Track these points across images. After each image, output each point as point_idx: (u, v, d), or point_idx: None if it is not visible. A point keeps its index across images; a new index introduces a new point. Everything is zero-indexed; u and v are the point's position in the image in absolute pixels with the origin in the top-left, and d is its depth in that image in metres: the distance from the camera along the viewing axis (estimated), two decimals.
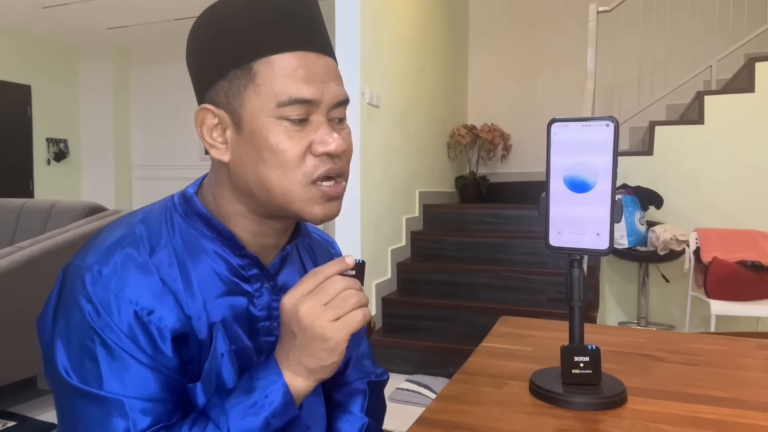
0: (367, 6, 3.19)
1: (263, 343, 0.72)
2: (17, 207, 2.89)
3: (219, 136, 0.67)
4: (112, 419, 0.61)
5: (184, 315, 0.66)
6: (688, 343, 1.07)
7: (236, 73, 0.64)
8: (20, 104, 6.49)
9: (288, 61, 0.64)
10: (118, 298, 0.63)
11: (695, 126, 3.67)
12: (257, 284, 0.72)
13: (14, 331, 2.25)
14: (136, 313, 0.63)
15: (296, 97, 0.63)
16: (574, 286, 0.80)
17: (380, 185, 3.46)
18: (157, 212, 0.71)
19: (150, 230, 0.68)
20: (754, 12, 4.01)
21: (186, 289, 0.66)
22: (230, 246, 0.70)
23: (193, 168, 6.87)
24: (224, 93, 0.65)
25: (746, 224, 3.41)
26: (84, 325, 0.63)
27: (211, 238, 0.70)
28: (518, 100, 5.19)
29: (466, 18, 5.39)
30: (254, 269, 0.71)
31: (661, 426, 0.72)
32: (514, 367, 0.93)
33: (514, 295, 3.40)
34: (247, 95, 0.64)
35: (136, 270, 0.64)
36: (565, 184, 0.78)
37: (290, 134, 0.64)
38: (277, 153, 0.64)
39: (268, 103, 0.63)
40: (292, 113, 0.63)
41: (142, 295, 0.64)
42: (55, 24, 6.19)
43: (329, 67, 0.67)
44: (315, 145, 0.65)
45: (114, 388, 0.61)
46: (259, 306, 0.72)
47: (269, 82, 0.63)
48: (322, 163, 0.65)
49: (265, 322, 0.72)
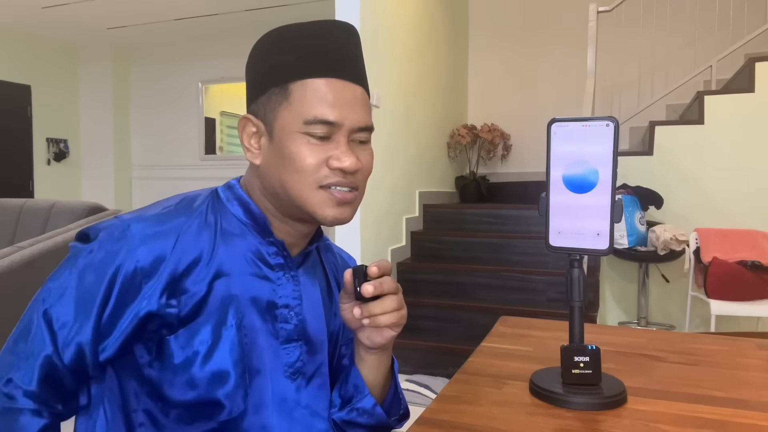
0: (367, 6, 3.19)
1: (279, 330, 0.78)
2: (17, 207, 2.89)
3: (255, 142, 0.77)
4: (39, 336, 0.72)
5: (188, 269, 0.73)
6: (688, 343, 1.07)
7: (275, 91, 0.74)
8: (20, 104, 6.48)
9: (319, 85, 0.73)
10: (126, 250, 0.71)
11: (695, 126, 3.67)
12: (280, 272, 0.79)
13: None
14: (135, 269, 0.70)
15: (321, 118, 0.72)
16: (574, 286, 0.80)
17: (380, 185, 3.46)
18: (200, 196, 0.80)
19: (189, 206, 0.77)
20: (754, 12, 4.01)
21: (209, 264, 0.74)
22: (261, 232, 0.78)
23: (193, 168, 6.86)
24: (263, 107, 0.76)
25: (746, 224, 3.41)
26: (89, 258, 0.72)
27: (246, 224, 0.78)
28: (518, 100, 5.18)
29: (467, 18, 5.39)
30: (279, 258, 0.79)
31: (661, 426, 0.72)
32: (514, 367, 0.93)
33: (514, 295, 3.40)
34: (280, 111, 0.74)
35: (158, 232, 0.73)
36: (565, 184, 0.78)
37: (311, 147, 0.73)
38: (296, 161, 0.73)
39: (297, 119, 0.72)
40: (317, 131, 0.72)
41: (149, 255, 0.71)
42: (55, 24, 6.19)
43: (356, 95, 0.75)
44: (331, 160, 0.73)
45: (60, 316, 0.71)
46: (279, 293, 0.78)
47: (300, 102, 0.73)
48: (333, 175, 0.74)
49: (284, 310, 0.78)
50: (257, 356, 0.76)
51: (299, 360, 0.80)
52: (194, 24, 5.98)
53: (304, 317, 0.80)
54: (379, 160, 3.42)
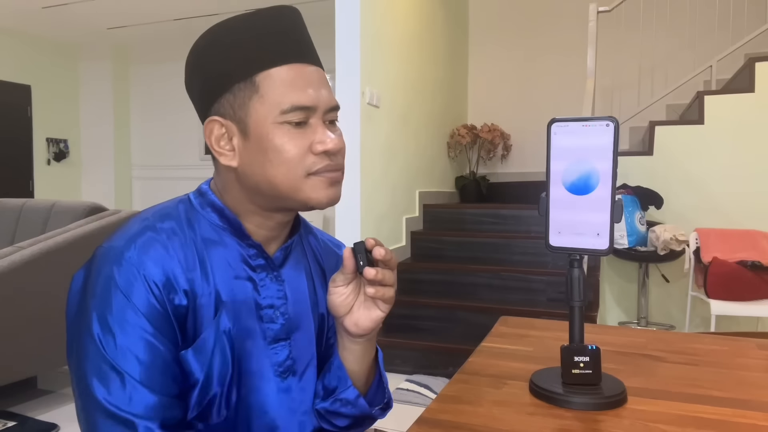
0: (367, 6, 3.19)
1: (266, 330, 0.78)
2: (17, 207, 2.89)
3: (226, 144, 0.75)
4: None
5: (192, 292, 0.72)
6: (688, 343, 1.07)
7: (240, 86, 0.72)
8: (20, 104, 6.49)
9: (286, 73, 0.72)
10: (139, 277, 0.69)
11: (695, 126, 3.67)
12: (263, 273, 0.79)
13: (15, 331, 2.25)
14: (156, 286, 0.70)
15: (297, 105, 0.71)
16: (574, 286, 0.80)
17: (380, 185, 3.46)
18: (174, 207, 0.78)
19: (169, 219, 0.76)
20: (754, 12, 4.01)
21: (201, 269, 0.74)
22: (238, 235, 0.77)
23: (193, 168, 6.87)
24: (230, 105, 0.73)
25: (746, 224, 3.41)
26: (100, 311, 0.69)
27: (223, 228, 0.77)
28: (518, 100, 5.18)
29: (467, 17, 5.39)
30: (260, 259, 0.79)
31: (661, 426, 0.72)
32: (514, 367, 0.93)
33: (514, 295, 3.40)
34: (252, 105, 0.72)
35: (155, 251, 0.71)
36: (565, 184, 0.78)
37: (292, 136, 0.72)
38: (282, 153, 0.72)
39: (272, 110, 0.71)
40: (294, 118, 0.71)
41: (160, 272, 0.70)
42: (54, 24, 6.19)
43: (320, 77, 0.75)
44: (315, 145, 0.73)
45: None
46: (263, 294, 0.78)
47: (272, 93, 0.71)
48: (320, 160, 0.73)
49: (269, 310, 0.79)
50: (246, 358, 0.76)
51: (288, 358, 0.80)
52: (194, 24, 5.98)
53: (291, 315, 0.81)
54: (379, 160, 3.44)
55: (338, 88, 3.17)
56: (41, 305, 2.32)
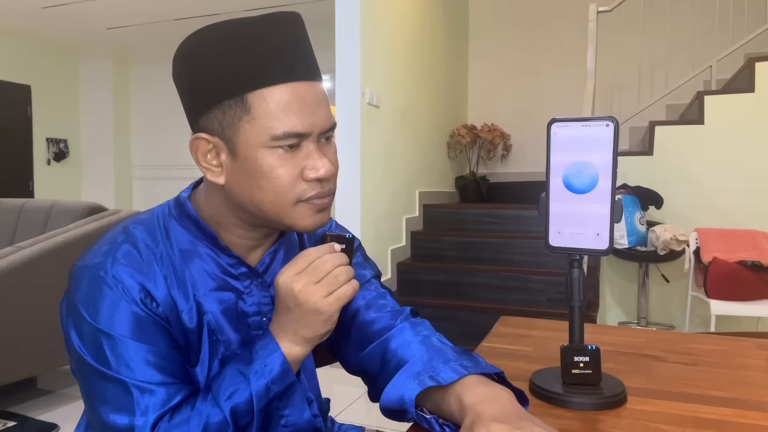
0: (367, 6, 3.19)
1: (254, 337, 0.77)
2: (17, 207, 2.89)
3: (213, 159, 0.71)
4: (125, 397, 0.67)
5: (173, 306, 0.71)
6: (688, 343, 1.07)
7: (230, 103, 0.67)
8: (20, 104, 6.48)
9: (280, 94, 0.66)
10: (117, 293, 0.68)
11: (695, 126, 3.66)
12: (246, 281, 0.77)
13: (14, 331, 2.25)
14: (136, 301, 0.68)
15: (290, 132, 0.67)
16: (574, 286, 0.80)
17: (380, 185, 3.46)
18: (153, 217, 0.76)
19: (146, 231, 0.74)
20: (754, 12, 4.01)
21: (179, 285, 0.72)
22: (215, 246, 0.75)
23: (193, 168, 6.82)
24: (218, 122, 0.68)
25: (746, 224, 3.41)
26: (89, 326, 0.68)
27: (200, 239, 0.75)
28: (518, 100, 5.18)
29: (467, 18, 5.39)
30: (242, 267, 0.77)
31: (661, 426, 0.72)
32: (514, 367, 0.93)
33: (514, 295, 3.40)
34: (242, 126, 0.67)
35: (132, 265, 0.70)
36: (565, 184, 0.78)
37: (283, 161, 0.68)
38: (271, 180, 0.68)
39: (263, 134, 0.67)
40: (286, 143, 0.67)
41: (138, 286, 0.69)
42: (54, 24, 6.19)
43: (318, 94, 0.70)
44: (306, 171, 0.69)
45: (123, 372, 0.67)
46: (249, 302, 0.77)
47: (264, 117, 0.66)
48: (311, 188, 0.70)
49: (256, 317, 0.78)
50: None
51: None
52: (194, 24, 5.97)
53: None
54: (379, 160, 3.44)
55: (338, 88, 3.17)
56: (41, 305, 2.32)
